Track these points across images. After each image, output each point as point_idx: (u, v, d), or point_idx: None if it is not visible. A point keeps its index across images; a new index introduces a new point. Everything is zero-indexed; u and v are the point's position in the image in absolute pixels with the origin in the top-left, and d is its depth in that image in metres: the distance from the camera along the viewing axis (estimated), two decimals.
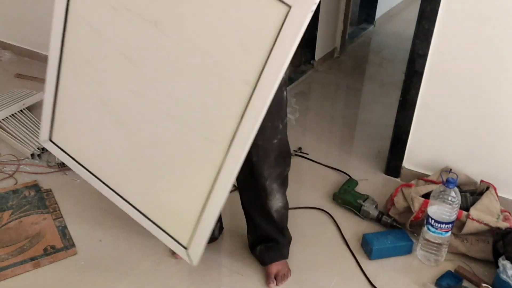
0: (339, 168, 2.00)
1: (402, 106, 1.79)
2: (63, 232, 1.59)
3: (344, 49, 3.22)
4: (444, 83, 1.68)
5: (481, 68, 1.60)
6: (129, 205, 1.32)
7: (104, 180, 1.36)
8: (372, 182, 1.92)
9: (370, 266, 1.51)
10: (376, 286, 1.43)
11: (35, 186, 1.80)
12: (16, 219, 1.64)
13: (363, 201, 1.70)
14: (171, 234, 1.27)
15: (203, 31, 1.05)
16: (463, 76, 1.64)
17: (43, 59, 2.85)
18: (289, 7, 0.92)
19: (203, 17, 1.04)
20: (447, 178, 1.41)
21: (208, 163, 1.13)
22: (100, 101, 1.28)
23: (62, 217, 1.66)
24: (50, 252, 1.50)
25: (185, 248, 1.24)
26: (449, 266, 1.51)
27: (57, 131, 1.42)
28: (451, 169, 1.63)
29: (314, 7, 0.91)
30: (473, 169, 1.70)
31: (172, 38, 1.09)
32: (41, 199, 1.73)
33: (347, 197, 1.75)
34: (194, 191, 1.19)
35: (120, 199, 1.33)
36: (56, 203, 1.72)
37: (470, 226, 1.48)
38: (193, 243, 1.22)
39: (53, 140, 1.44)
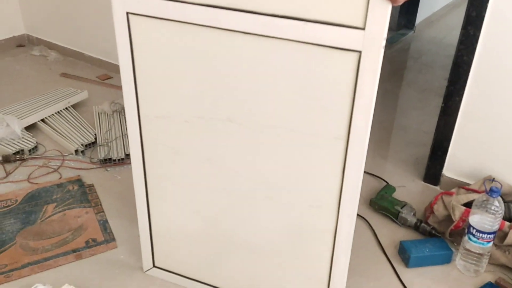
0: (376, 174, 1.98)
1: (444, 112, 1.76)
2: (104, 226, 1.64)
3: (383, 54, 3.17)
4: (489, 90, 1.64)
5: None
6: None
7: (221, 287, 1.38)
8: (410, 189, 1.89)
9: (407, 274, 1.49)
10: None
11: (79, 181, 1.86)
12: (59, 212, 1.70)
13: (401, 208, 1.68)
14: None
15: (281, 109, 1.02)
16: (509, 84, 1.60)
17: (87, 59, 2.97)
18: (359, 52, 0.90)
19: (278, 97, 1.01)
20: (491, 187, 1.38)
21: (321, 230, 1.12)
22: (196, 213, 1.28)
23: (103, 211, 1.71)
24: (92, 245, 1.55)
25: None
26: (489, 277, 1.47)
27: (160, 256, 1.42)
28: (494, 178, 1.59)
29: (384, 43, 0.87)
30: None
31: (249, 126, 1.07)
32: (83, 194, 1.79)
33: (384, 203, 1.73)
34: (315, 263, 1.19)
35: None
36: (98, 198, 1.78)
37: None
38: None
39: (157, 265, 1.44)
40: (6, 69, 2.89)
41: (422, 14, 3.77)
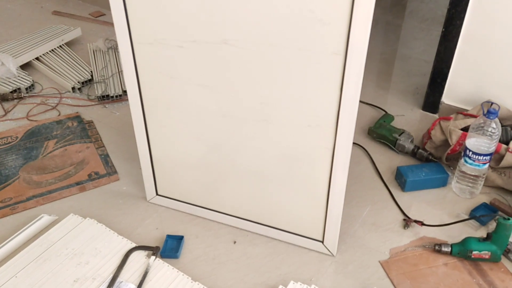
0: (375, 104, 1.97)
1: (444, 38, 1.72)
2: (105, 160, 1.66)
3: None
4: (490, 12, 1.59)
5: None
6: (253, 223, 1.38)
7: (223, 211, 1.40)
8: (408, 118, 1.89)
9: (404, 198, 1.52)
10: (409, 216, 1.45)
11: (77, 118, 1.87)
12: (61, 147, 1.72)
13: (399, 135, 1.69)
14: (303, 234, 1.32)
15: (278, 26, 0.99)
16: (510, 6, 1.54)
17: None
18: None
19: (273, 12, 0.98)
20: (488, 109, 1.37)
21: (320, 149, 1.13)
22: (195, 138, 1.28)
23: (104, 146, 1.73)
24: (94, 177, 1.58)
25: (321, 241, 1.31)
26: (484, 198, 1.50)
27: (162, 183, 1.44)
28: (492, 103, 1.58)
29: None
30: None
31: (245, 47, 1.05)
32: (83, 130, 1.80)
33: (382, 131, 1.74)
34: (314, 183, 1.21)
35: (244, 221, 1.39)
36: (98, 134, 1.79)
37: (509, 160, 1.45)
38: (327, 235, 1.28)
39: (160, 193, 1.46)
40: None
41: None
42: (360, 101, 1.98)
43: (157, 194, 1.48)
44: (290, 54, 1.02)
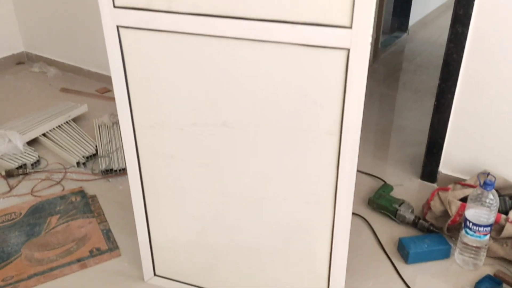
0: (373, 174, 2.00)
1: (437, 110, 1.79)
2: (107, 235, 1.66)
3: (377, 58, 3.22)
4: (480, 86, 1.67)
5: None
6: None
7: None
8: (407, 188, 1.92)
9: (407, 270, 1.51)
10: None
11: (81, 192, 1.90)
12: (63, 223, 1.73)
13: (399, 206, 1.70)
14: None
15: (275, 108, 1.05)
16: (499, 78, 1.63)
17: (86, 74, 3.01)
18: (348, 49, 0.92)
19: (271, 97, 1.04)
20: (485, 180, 1.40)
21: (319, 226, 1.15)
22: (194, 217, 1.29)
23: (106, 221, 1.74)
24: (96, 253, 1.58)
25: None
26: (488, 270, 1.49)
27: (160, 264, 1.44)
28: (489, 173, 1.62)
29: (370, 40, 0.90)
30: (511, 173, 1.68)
31: (245, 128, 1.10)
32: (86, 204, 1.82)
33: (382, 201, 1.75)
34: (314, 259, 1.22)
35: None
36: (101, 208, 1.80)
37: (510, 230, 1.46)
38: None
39: (158, 274, 1.46)
40: (6, 86, 2.93)
41: (415, 16, 3.82)
42: (359, 171, 2.04)
43: (155, 274, 1.47)
44: (287, 135, 1.07)
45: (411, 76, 3.06)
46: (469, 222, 1.43)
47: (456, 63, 1.68)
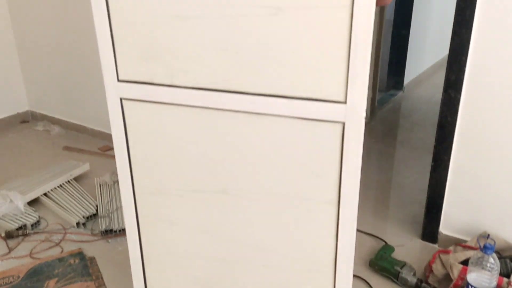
0: (374, 234, 2.00)
1: (434, 171, 1.82)
2: None
3: (374, 116, 3.29)
4: (477, 147, 1.71)
5: None
6: None
7: None
8: (408, 248, 1.91)
9: None
10: None
11: (80, 254, 1.88)
12: (61, 286, 1.70)
13: (401, 268, 1.69)
14: None
15: (274, 178, 1.06)
16: (495, 140, 1.66)
17: (89, 132, 3.07)
18: (343, 123, 0.96)
19: (270, 167, 1.06)
20: (485, 244, 1.40)
21: None
22: (192, 284, 1.28)
23: (104, 284, 1.71)
24: None
25: None
26: None
27: None
28: (489, 235, 1.61)
29: (364, 114, 0.94)
30: None
31: (244, 196, 1.11)
32: (85, 267, 1.80)
33: (383, 263, 1.74)
34: None
35: None
36: (99, 271, 1.79)
37: None
38: None
39: None
40: (10, 145, 2.98)
41: (410, 74, 3.94)
42: (360, 231, 2.04)
43: None
44: (286, 203, 1.08)
45: (408, 134, 3.12)
46: (471, 286, 1.42)
47: (451, 125, 1.72)
